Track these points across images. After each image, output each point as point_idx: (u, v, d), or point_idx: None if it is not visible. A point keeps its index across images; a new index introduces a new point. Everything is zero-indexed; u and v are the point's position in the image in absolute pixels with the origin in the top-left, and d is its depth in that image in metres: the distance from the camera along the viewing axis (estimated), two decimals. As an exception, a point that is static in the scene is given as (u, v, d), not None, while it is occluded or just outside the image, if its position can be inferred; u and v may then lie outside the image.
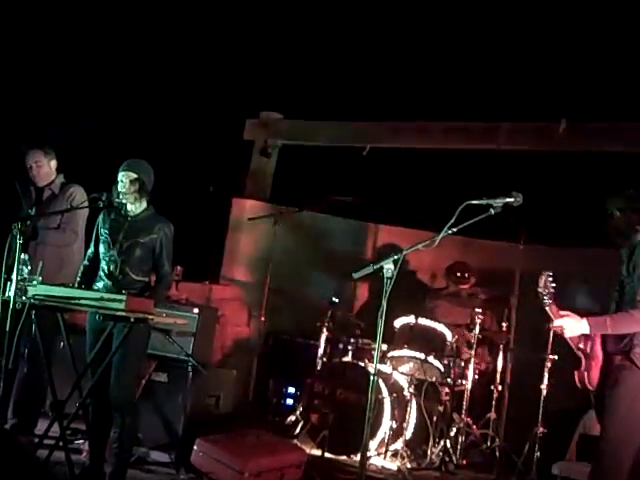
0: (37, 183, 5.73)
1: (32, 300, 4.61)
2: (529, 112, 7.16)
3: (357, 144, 7.74)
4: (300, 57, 8.11)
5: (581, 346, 4.21)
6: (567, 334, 4.15)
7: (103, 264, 5.01)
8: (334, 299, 6.68)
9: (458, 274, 6.97)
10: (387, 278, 4.03)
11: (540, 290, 4.27)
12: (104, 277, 4.98)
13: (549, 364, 5.82)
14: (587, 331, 4.08)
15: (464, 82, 7.65)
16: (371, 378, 4.03)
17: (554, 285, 4.25)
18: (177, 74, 8.42)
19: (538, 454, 5.70)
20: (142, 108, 8.43)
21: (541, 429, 5.72)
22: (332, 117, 7.91)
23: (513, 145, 7.24)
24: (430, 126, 7.58)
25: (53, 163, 5.75)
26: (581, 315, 4.16)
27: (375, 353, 4.06)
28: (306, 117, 8.11)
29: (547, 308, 4.26)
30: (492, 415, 6.22)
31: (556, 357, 5.81)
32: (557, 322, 4.17)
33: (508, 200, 4.00)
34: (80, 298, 4.59)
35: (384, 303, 3.97)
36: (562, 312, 4.20)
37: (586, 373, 4.20)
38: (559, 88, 7.23)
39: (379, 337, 4.00)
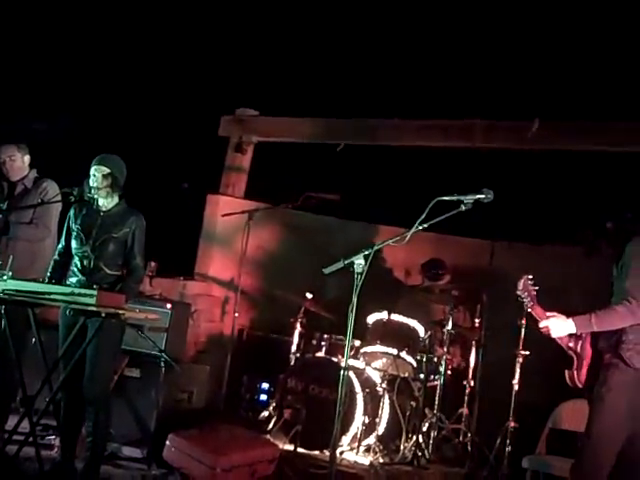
0: (10, 178, 5.69)
1: (2, 295, 4.59)
2: (504, 110, 7.21)
3: (332, 141, 7.73)
4: (276, 53, 8.11)
5: (571, 345, 4.23)
6: (554, 334, 4.17)
7: (76, 259, 4.99)
8: (307, 295, 6.69)
9: (434, 271, 7.00)
10: (358, 273, 4.06)
11: (519, 293, 4.30)
12: (77, 272, 4.96)
13: (520, 360, 5.87)
14: (573, 330, 4.10)
15: (440, 80, 7.68)
16: (341, 372, 4.04)
17: (535, 287, 4.28)
18: (153, 70, 8.39)
19: (509, 448, 5.74)
20: (117, 104, 8.40)
21: (512, 424, 5.77)
22: (308, 114, 7.91)
23: (488, 143, 7.27)
24: (405, 124, 7.58)
25: (26, 158, 5.72)
26: (568, 315, 4.18)
27: (346, 346, 4.08)
28: (282, 114, 8.11)
29: (530, 310, 4.28)
30: (464, 410, 6.26)
31: (527, 353, 5.86)
32: (543, 323, 4.19)
33: (479, 197, 4.04)
34: (51, 293, 4.57)
35: (354, 298, 4.00)
36: (548, 313, 4.21)
37: (576, 372, 4.22)
38: (534, 87, 7.28)
39: (349, 332, 4.03)
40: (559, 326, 4.13)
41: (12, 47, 7.95)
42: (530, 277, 4.32)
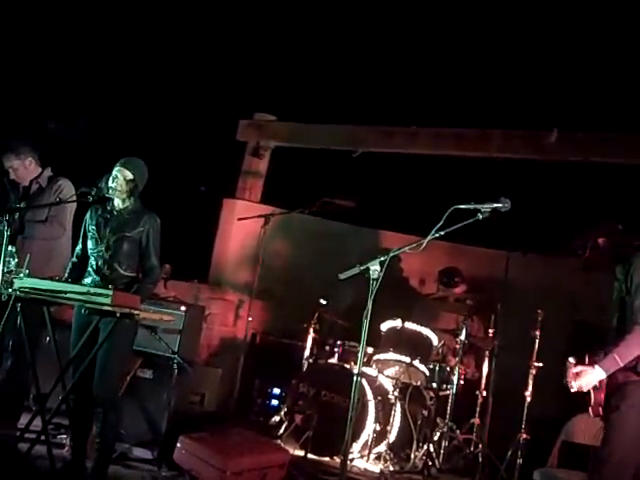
0: (21, 183, 5.73)
1: (18, 292, 4.60)
2: (521, 120, 7.19)
3: (350, 147, 7.74)
4: (295, 59, 8.13)
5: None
6: (587, 388, 4.12)
7: (92, 260, 5.00)
8: (322, 301, 6.68)
9: (449, 278, 6.98)
10: (373, 279, 4.03)
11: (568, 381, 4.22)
12: (92, 272, 4.97)
13: (534, 371, 5.84)
14: (604, 375, 4.04)
15: (457, 88, 7.68)
16: (354, 379, 4.03)
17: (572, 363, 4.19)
18: (171, 75, 8.43)
19: (520, 460, 5.70)
20: (136, 107, 8.44)
21: (524, 435, 5.73)
22: (325, 120, 7.92)
23: (505, 152, 7.25)
24: (422, 132, 7.59)
25: (29, 161, 5.71)
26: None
27: (359, 354, 4.06)
28: (299, 119, 8.12)
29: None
30: (476, 421, 6.22)
31: (541, 365, 5.82)
32: (575, 384, 4.12)
33: (496, 205, 4.00)
34: (66, 292, 4.58)
35: (369, 304, 3.97)
36: (575, 370, 4.14)
37: (598, 404, 4.17)
38: (552, 96, 7.26)
39: (363, 337, 4.00)
40: (590, 379, 4.07)
41: (33, 48, 8.01)
42: (572, 361, 4.24)
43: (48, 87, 8.02)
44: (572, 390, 4.14)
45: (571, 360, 4.20)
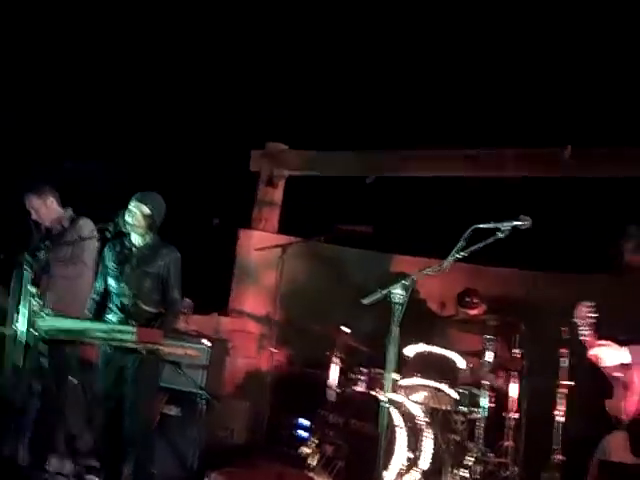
0: (43, 223, 5.76)
1: (42, 334, 4.59)
2: (535, 138, 7.18)
3: (363, 174, 7.73)
4: (304, 88, 8.15)
5: (616, 374, 4.12)
6: (604, 363, 4.06)
7: (114, 297, 5.00)
8: (343, 329, 6.63)
9: (467, 299, 6.94)
10: (396, 303, 3.99)
11: (576, 320, 4.20)
12: (116, 310, 4.97)
13: (564, 390, 5.75)
14: (628, 359, 4.00)
15: (467, 109, 7.68)
16: (381, 405, 3.97)
17: (594, 315, 4.17)
18: (183, 108, 8.46)
19: (557, 483, 5.62)
20: (148, 143, 8.47)
21: (559, 456, 5.64)
22: (338, 147, 7.93)
23: (519, 172, 7.23)
24: (436, 154, 7.57)
25: (50, 201, 5.77)
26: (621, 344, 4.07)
27: (386, 379, 4.00)
28: (312, 147, 8.13)
29: (583, 338, 4.18)
30: (509, 443, 6.13)
31: (572, 383, 5.74)
32: (593, 351, 4.08)
33: (516, 223, 3.95)
34: (90, 330, 4.58)
35: (394, 329, 3.92)
36: (600, 342, 4.11)
37: (622, 402, 4.11)
38: (565, 114, 7.25)
39: (390, 363, 3.94)
40: (612, 355, 4.04)
41: (41, 89, 8.07)
42: (589, 304, 4.21)
43: (62, 126, 8.06)
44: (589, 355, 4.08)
45: (589, 302, 4.14)
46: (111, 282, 5.04)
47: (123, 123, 8.40)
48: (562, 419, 5.69)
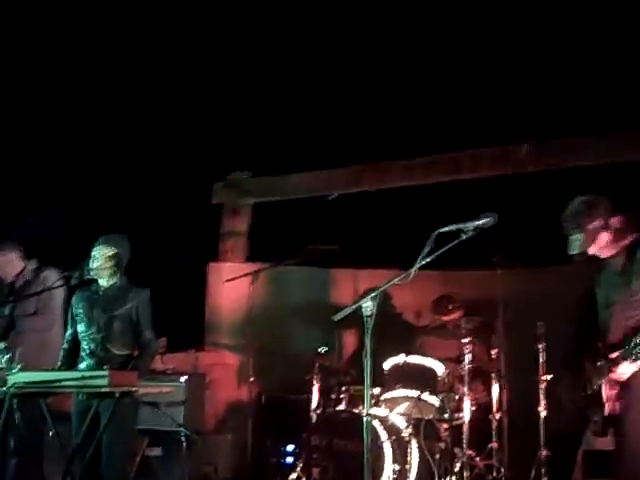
0: (5, 279, 5.71)
1: (13, 389, 4.54)
2: (491, 138, 7.23)
3: (325, 192, 7.76)
4: (260, 114, 8.16)
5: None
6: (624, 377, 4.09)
7: (84, 344, 4.95)
8: (321, 350, 6.61)
9: (444, 306, 6.95)
10: (367, 316, 3.97)
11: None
12: (86, 357, 4.92)
13: (544, 385, 5.76)
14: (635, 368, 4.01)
15: (419, 118, 7.72)
16: (364, 419, 3.95)
17: None
18: (139, 151, 8.43)
19: (546, 478, 5.59)
20: (108, 184, 8.43)
21: (545, 452, 5.63)
22: (297, 169, 7.95)
23: (478, 173, 7.28)
24: (392, 165, 7.61)
25: (12, 256, 5.72)
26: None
27: (365, 392, 3.98)
28: (273, 172, 8.14)
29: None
30: (494, 445, 6.12)
31: (549, 377, 5.74)
32: (618, 373, 4.08)
33: (479, 222, 3.89)
34: (61, 380, 4.52)
35: (367, 342, 3.89)
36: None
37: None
38: (516, 111, 7.30)
39: (367, 375, 3.92)
40: (627, 369, 4.04)
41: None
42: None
43: (17, 178, 8.02)
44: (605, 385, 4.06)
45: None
46: (80, 328, 5.00)
47: (81, 167, 8.35)
48: (545, 414, 5.70)
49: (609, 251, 4.35)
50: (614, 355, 4.06)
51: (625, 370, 4.02)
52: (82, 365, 4.92)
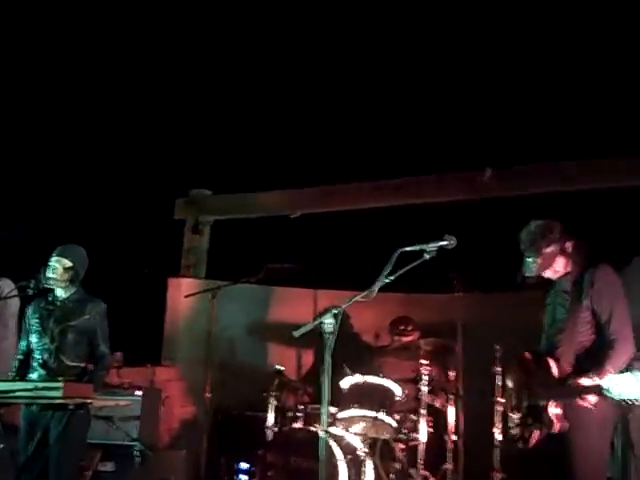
0: None
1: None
2: (454, 163, 7.31)
3: (286, 212, 7.78)
4: (223, 132, 8.17)
5: None
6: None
7: (36, 354, 4.88)
8: (278, 367, 6.58)
9: (401, 327, 7.00)
10: (328, 333, 3.98)
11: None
12: (38, 367, 4.84)
13: (499, 408, 5.78)
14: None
15: (387, 140, 7.79)
16: (320, 436, 3.94)
17: None
18: (103, 163, 8.38)
19: (500, 501, 5.61)
20: (72, 196, 8.35)
21: (499, 475, 5.64)
22: (260, 188, 7.96)
23: (441, 197, 7.35)
24: (358, 187, 7.66)
25: None
26: None
27: (322, 411, 3.97)
28: (235, 191, 8.14)
29: None
30: (449, 466, 6.13)
31: (504, 400, 5.77)
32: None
33: (441, 243, 3.98)
34: (13, 391, 4.43)
35: (327, 357, 3.89)
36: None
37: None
38: (482, 137, 7.40)
39: (325, 392, 3.91)
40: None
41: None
42: None
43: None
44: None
45: None
46: (33, 338, 4.92)
47: (44, 178, 8.27)
48: (500, 437, 5.72)
49: (560, 273, 4.46)
50: (584, 382, 4.10)
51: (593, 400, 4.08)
52: (33, 376, 4.84)
